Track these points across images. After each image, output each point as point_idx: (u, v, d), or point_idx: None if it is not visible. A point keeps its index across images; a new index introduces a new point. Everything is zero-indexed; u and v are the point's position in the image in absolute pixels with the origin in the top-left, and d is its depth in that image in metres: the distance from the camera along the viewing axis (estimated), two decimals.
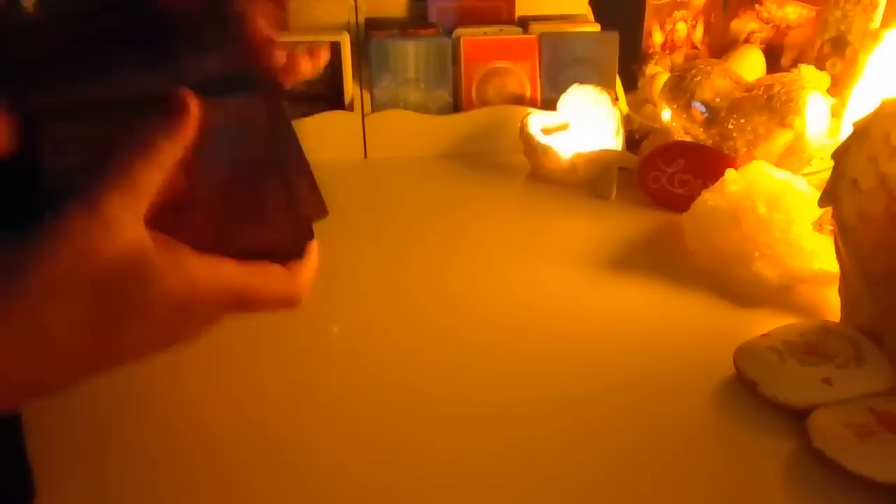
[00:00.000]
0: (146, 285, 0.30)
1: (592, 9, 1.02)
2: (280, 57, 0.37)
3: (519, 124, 0.88)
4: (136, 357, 0.32)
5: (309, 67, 0.39)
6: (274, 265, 0.34)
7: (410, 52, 0.92)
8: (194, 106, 0.31)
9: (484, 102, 0.95)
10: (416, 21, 0.99)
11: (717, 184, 0.68)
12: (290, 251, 0.34)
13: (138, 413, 0.47)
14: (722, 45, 1.00)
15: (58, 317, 0.28)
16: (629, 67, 1.04)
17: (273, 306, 0.34)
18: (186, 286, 0.31)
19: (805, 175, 0.74)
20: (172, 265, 0.30)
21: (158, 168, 0.30)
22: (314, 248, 0.36)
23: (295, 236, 0.35)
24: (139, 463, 0.44)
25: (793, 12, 0.94)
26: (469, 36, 0.94)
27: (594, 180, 0.82)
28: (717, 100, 0.80)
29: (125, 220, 0.29)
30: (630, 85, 1.03)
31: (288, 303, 0.35)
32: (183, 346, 0.33)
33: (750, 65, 0.94)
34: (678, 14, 1.05)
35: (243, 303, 0.33)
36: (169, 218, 0.31)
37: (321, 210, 0.36)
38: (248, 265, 0.33)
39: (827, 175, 0.54)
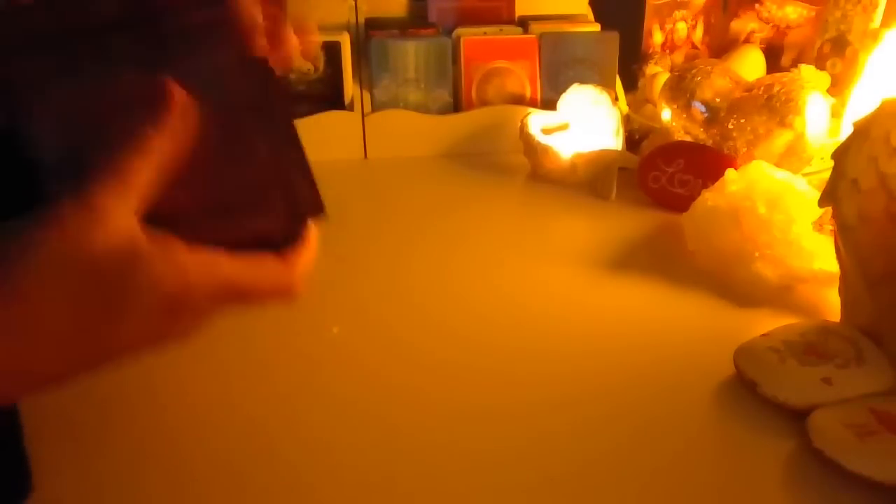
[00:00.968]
0: (137, 278, 0.29)
1: (592, 9, 1.02)
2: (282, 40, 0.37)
3: (519, 124, 0.88)
4: (130, 351, 0.32)
5: (306, 46, 0.39)
6: (268, 257, 0.33)
7: (410, 52, 0.92)
8: (180, 96, 0.31)
9: (484, 102, 0.95)
10: (416, 21, 0.99)
11: (717, 184, 0.68)
12: (285, 239, 0.34)
13: (137, 411, 0.47)
14: (722, 45, 1.00)
15: (48, 307, 0.28)
16: (629, 67, 1.04)
17: (268, 298, 0.34)
18: (178, 278, 0.30)
19: (805, 175, 0.74)
20: (163, 258, 0.30)
21: (149, 160, 0.30)
22: (311, 240, 0.35)
23: (291, 225, 0.34)
24: (137, 460, 0.44)
25: (793, 12, 0.94)
26: (469, 36, 0.94)
27: (594, 180, 0.82)
28: (717, 100, 0.80)
29: (116, 211, 0.29)
30: (630, 85, 1.03)
31: (283, 295, 0.34)
32: (178, 341, 0.32)
33: (750, 65, 0.94)
34: (678, 14, 1.05)
35: (237, 295, 0.33)
36: (160, 209, 0.31)
37: (318, 208, 0.36)
38: (241, 257, 0.32)
39: (827, 175, 0.54)
